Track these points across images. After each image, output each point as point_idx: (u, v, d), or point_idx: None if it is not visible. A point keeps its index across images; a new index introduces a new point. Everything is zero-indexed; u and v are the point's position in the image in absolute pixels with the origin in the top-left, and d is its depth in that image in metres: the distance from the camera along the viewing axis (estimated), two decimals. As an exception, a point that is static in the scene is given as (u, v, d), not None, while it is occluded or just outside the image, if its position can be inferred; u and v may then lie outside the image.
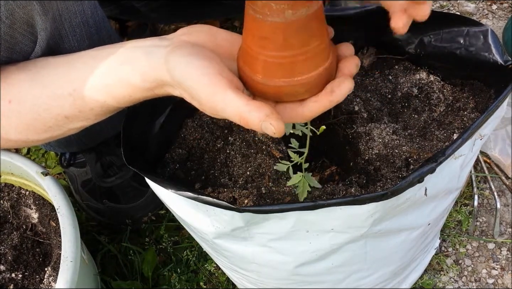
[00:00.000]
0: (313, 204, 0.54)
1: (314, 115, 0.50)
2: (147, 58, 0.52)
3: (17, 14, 0.58)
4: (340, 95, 0.49)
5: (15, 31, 0.59)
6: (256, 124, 0.46)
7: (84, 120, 0.59)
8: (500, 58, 0.66)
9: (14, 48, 0.60)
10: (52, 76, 0.58)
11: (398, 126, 0.71)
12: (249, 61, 0.49)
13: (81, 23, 0.69)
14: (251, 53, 0.48)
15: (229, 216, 0.59)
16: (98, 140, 1.02)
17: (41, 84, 0.58)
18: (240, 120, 0.47)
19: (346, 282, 0.74)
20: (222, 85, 0.47)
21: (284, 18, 0.44)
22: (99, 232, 1.07)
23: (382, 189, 0.64)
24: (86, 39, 0.71)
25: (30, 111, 0.58)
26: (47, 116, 0.58)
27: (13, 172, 0.95)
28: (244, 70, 0.50)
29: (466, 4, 1.38)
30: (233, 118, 0.47)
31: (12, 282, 0.89)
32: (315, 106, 0.49)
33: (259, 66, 0.48)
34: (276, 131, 0.46)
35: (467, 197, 1.07)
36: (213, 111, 0.49)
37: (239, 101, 0.47)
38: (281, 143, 0.72)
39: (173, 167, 0.71)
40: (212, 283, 1.01)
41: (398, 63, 0.77)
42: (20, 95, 0.58)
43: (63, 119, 0.58)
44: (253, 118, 0.46)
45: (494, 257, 1.01)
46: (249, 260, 0.69)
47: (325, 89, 0.49)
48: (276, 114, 0.46)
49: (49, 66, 0.59)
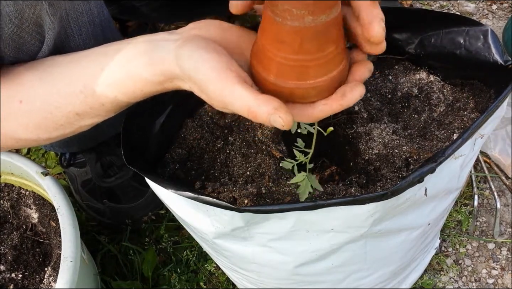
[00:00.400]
0: (313, 204, 0.54)
1: (323, 117, 0.50)
2: (157, 52, 0.52)
3: (26, 14, 0.58)
4: (351, 100, 0.49)
5: (23, 31, 0.59)
6: (265, 117, 0.46)
7: (95, 116, 0.59)
8: (500, 58, 0.65)
9: (22, 48, 0.60)
10: (61, 74, 0.58)
11: (398, 126, 0.71)
12: (263, 61, 0.49)
13: (87, 23, 0.69)
14: (265, 53, 0.48)
15: (229, 216, 0.59)
16: (98, 141, 1.02)
17: (51, 83, 0.58)
18: (249, 114, 0.47)
19: (346, 282, 0.74)
20: (231, 79, 0.48)
21: (303, 23, 0.44)
22: (99, 232, 1.07)
23: (382, 189, 0.64)
24: (92, 39, 0.71)
25: (41, 110, 0.58)
26: (58, 114, 0.58)
27: (13, 172, 0.95)
28: (257, 69, 0.50)
29: (466, 4, 1.38)
30: (241, 112, 0.48)
31: (12, 282, 0.89)
32: (325, 108, 0.50)
33: (273, 67, 0.48)
34: (285, 124, 0.46)
35: (467, 197, 1.07)
36: (222, 105, 0.49)
37: (248, 95, 0.47)
38: (281, 143, 0.72)
39: (173, 167, 0.71)
40: (212, 283, 1.01)
41: (398, 63, 0.77)
42: (30, 94, 0.58)
43: (74, 117, 0.58)
44: (262, 112, 0.46)
45: (494, 257, 1.01)
46: (249, 260, 0.69)
47: (336, 92, 0.49)
48: (285, 108, 0.46)
49: (58, 64, 0.59)
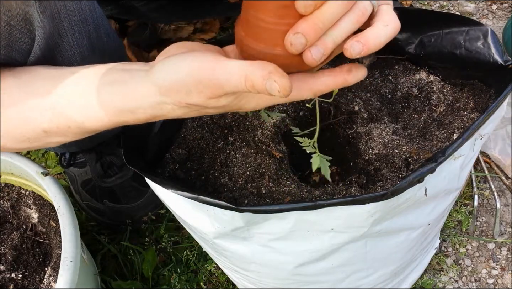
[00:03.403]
0: (313, 204, 0.54)
1: (325, 89, 0.48)
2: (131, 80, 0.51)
3: (14, 11, 0.58)
4: (355, 77, 0.48)
5: (13, 28, 0.59)
6: (261, 84, 0.44)
7: (62, 136, 0.57)
8: (500, 58, 0.65)
9: (13, 46, 0.60)
10: (38, 88, 0.57)
11: (398, 126, 0.71)
12: (264, 36, 0.47)
13: (79, 22, 0.69)
14: (266, 27, 0.46)
15: (229, 216, 0.59)
16: (98, 141, 1.02)
17: (26, 94, 0.57)
18: (246, 82, 0.45)
19: (346, 282, 0.74)
20: (218, 57, 0.46)
21: None
22: (99, 232, 1.07)
23: (382, 189, 0.64)
24: (85, 38, 0.71)
25: (12, 118, 0.57)
26: (26, 127, 0.57)
27: (13, 172, 0.95)
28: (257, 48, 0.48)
29: (466, 4, 1.38)
30: (239, 84, 0.45)
31: (12, 282, 0.89)
32: (328, 80, 0.48)
33: (279, 39, 0.46)
34: (281, 89, 0.43)
35: (467, 197, 1.07)
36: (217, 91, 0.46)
37: (242, 63, 0.45)
38: (281, 143, 0.72)
39: (173, 167, 0.71)
40: (212, 283, 1.01)
41: (398, 63, 0.77)
42: (5, 101, 0.57)
43: (41, 133, 0.57)
44: (257, 78, 0.44)
45: (494, 257, 1.01)
46: (249, 260, 0.69)
47: (341, 67, 0.48)
48: (281, 71, 0.44)
49: (40, 76, 0.58)
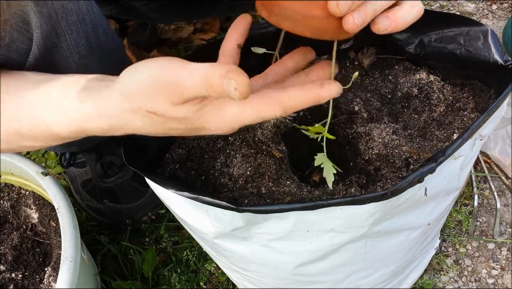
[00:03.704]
0: (313, 204, 0.54)
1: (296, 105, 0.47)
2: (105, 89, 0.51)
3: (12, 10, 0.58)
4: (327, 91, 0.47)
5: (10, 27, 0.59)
6: (218, 82, 0.42)
7: (35, 141, 0.59)
8: (500, 58, 0.65)
9: (11, 46, 0.61)
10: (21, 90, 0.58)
11: (398, 126, 0.71)
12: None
13: (77, 21, 0.69)
14: None
15: (229, 216, 0.59)
16: (98, 141, 1.02)
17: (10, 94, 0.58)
18: (206, 83, 0.43)
19: (346, 282, 0.74)
20: (183, 62, 0.47)
21: None
22: (99, 232, 1.07)
23: (382, 189, 0.64)
24: (83, 37, 0.71)
25: None
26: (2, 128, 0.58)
27: (13, 172, 0.95)
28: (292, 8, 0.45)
29: (466, 4, 1.38)
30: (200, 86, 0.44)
31: (12, 282, 0.89)
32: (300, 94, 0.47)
33: None
34: (238, 86, 0.42)
35: (467, 197, 1.07)
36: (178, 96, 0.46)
37: (203, 65, 0.44)
38: (281, 143, 0.72)
39: (173, 167, 0.71)
40: (212, 283, 1.01)
41: (398, 63, 0.77)
42: None
43: (15, 136, 0.58)
44: (216, 77, 0.42)
45: (494, 257, 1.01)
46: (249, 260, 0.69)
47: (314, 82, 0.48)
48: (240, 70, 0.43)
49: (27, 79, 0.60)
